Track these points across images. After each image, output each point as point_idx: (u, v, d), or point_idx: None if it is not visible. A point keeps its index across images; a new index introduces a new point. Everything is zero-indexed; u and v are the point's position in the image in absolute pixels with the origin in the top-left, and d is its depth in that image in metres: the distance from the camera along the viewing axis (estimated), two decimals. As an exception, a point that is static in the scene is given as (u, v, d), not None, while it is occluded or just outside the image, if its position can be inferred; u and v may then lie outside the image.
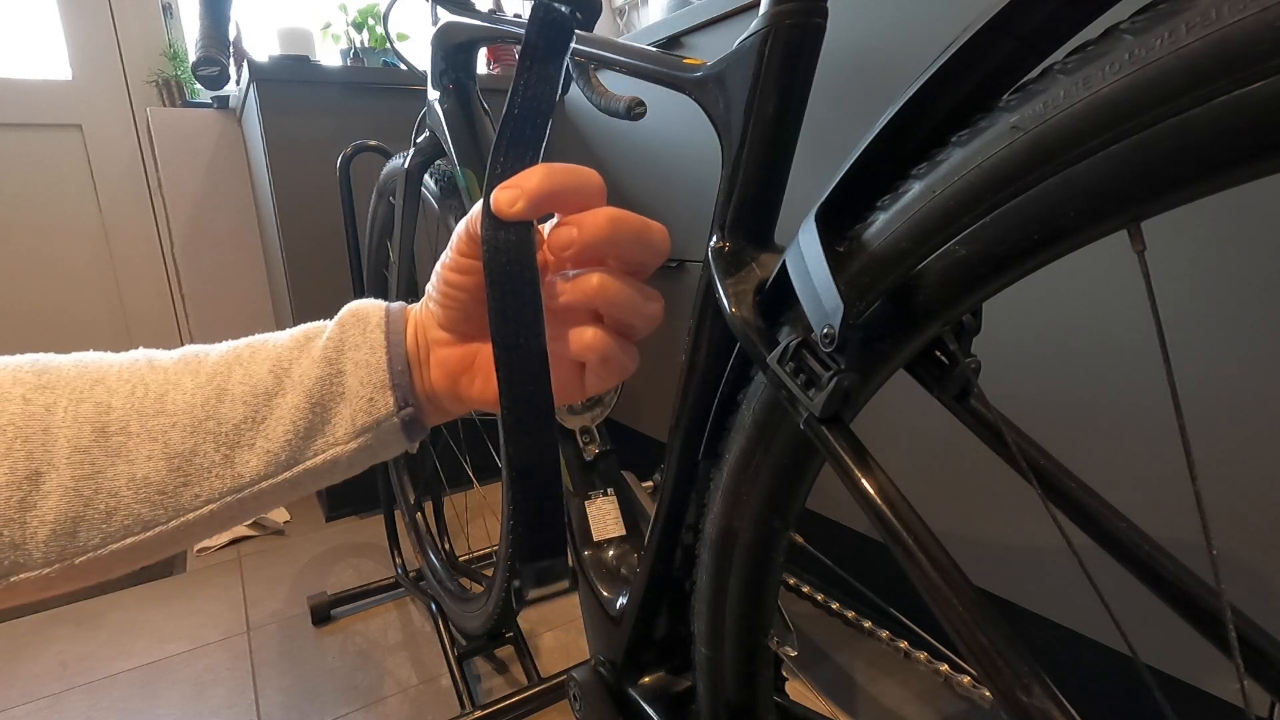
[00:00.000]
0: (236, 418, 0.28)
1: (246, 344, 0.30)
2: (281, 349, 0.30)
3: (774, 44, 0.36)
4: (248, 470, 0.28)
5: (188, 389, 0.27)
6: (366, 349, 0.30)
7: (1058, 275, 0.70)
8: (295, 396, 0.28)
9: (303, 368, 0.29)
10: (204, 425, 0.27)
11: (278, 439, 0.28)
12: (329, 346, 0.30)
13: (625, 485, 0.67)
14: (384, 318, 0.31)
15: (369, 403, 0.29)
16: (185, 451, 0.27)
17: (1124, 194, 0.21)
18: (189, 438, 0.27)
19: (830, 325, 0.29)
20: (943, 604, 0.27)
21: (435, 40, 0.75)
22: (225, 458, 0.27)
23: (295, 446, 0.28)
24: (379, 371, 0.30)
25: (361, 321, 0.31)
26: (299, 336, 0.31)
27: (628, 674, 0.58)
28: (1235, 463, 0.60)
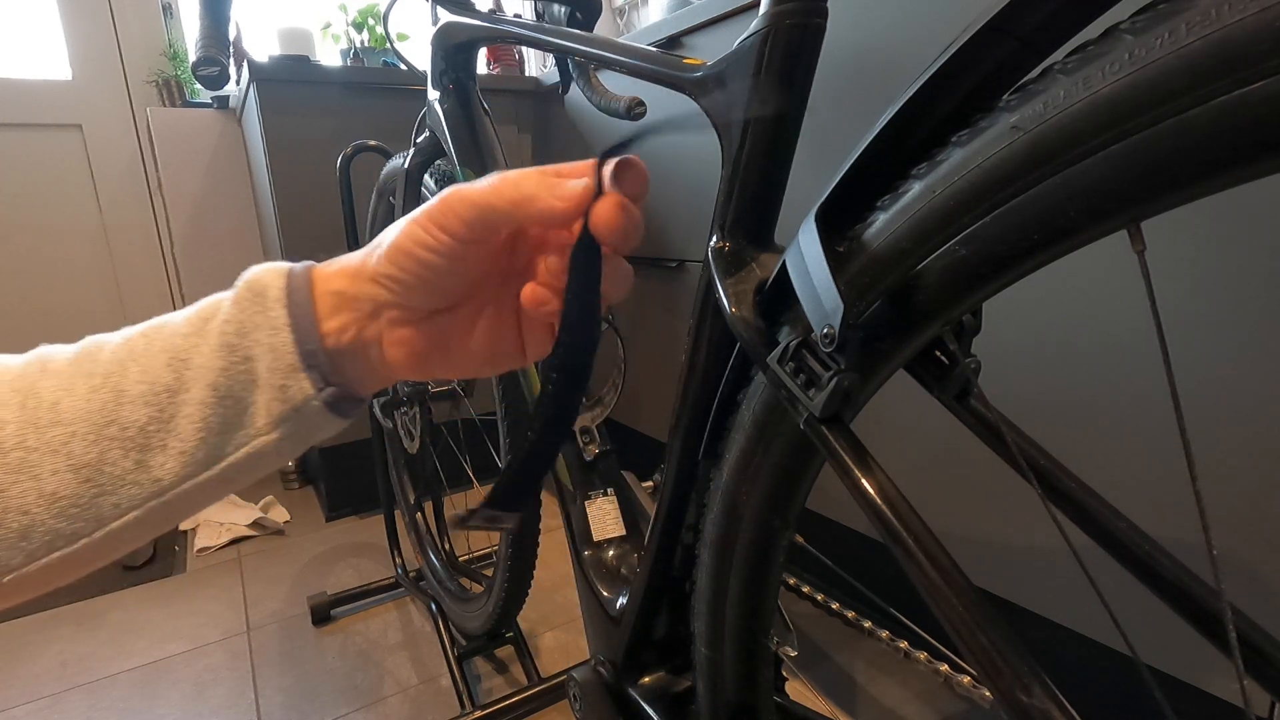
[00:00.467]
0: (140, 420, 0.26)
1: (141, 333, 0.27)
2: (177, 337, 0.27)
3: (774, 44, 0.36)
4: (166, 473, 0.26)
5: (82, 394, 0.25)
6: (268, 329, 0.27)
7: (1058, 275, 0.70)
8: (199, 391, 0.26)
9: (203, 357, 0.26)
10: (106, 432, 0.25)
11: (190, 438, 0.26)
12: (227, 330, 0.27)
13: (625, 485, 0.67)
14: (284, 289, 0.28)
15: (282, 390, 0.27)
16: (92, 461, 0.25)
17: (1124, 194, 0.21)
18: (92, 447, 0.25)
19: (830, 325, 0.29)
20: (943, 604, 0.27)
21: (435, 40, 0.75)
22: (137, 463, 0.26)
23: (212, 444, 0.27)
24: (286, 354, 0.27)
25: (259, 297, 0.27)
26: (194, 319, 0.27)
27: (628, 674, 0.58)
28: (1235, 463, 0.60)
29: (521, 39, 0.62)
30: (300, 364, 0.27)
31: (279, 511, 1.65)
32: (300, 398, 0.27)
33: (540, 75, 1.66)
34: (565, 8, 0.66)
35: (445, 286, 0.28)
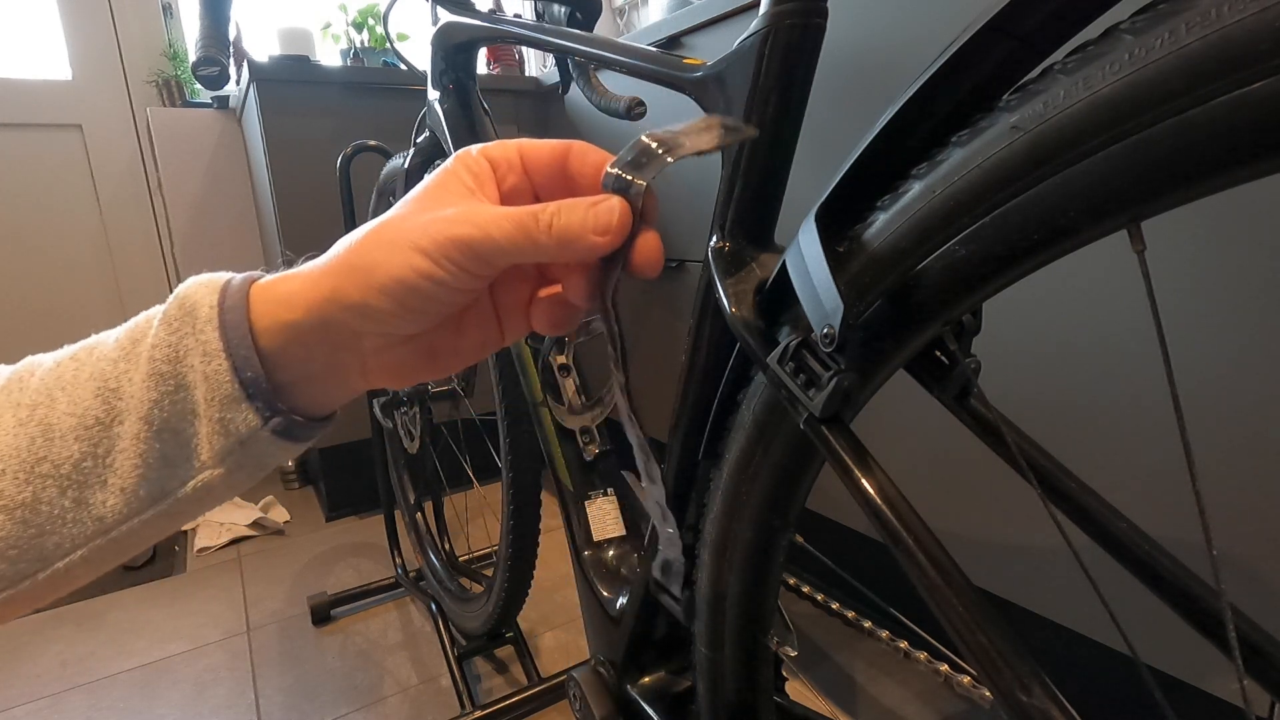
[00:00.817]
0: (73, 455, 0.24)
1: (72, 355, 0.25)
2: (106, 363, 0.25)
3: (774, 44, 0.36)
4: (108, 511, 0.24)
5: (9, 428, 0.23)
6: (200, 354, 0.24)
7: (1058, 275, 0.70)
8: (133, 424, 0.24)
9: (133, 386, 0.24)
10: (38, 469, 0.23)
11: (129, 475, 0.24)
12: (156, 356, 0.24)
13: (625, 485, 0.67)
14: (215, 306, 0.25)
15: (223, 423, 0.24)
16: (26, 501, 0.23)
17: (1124, 194, 0.21)
18: (25, 486, 0.23)
19: (830, 325, 0.29)
20: (943, 604, 0.27)
21: (435, 40, 0.75)
22: (77, 501, 0.24)
23: (154, 480, 0.24)
24: (224, 384, 0.24)
25: (188, 315, 0.25)
26: (125, 340, 0.25)
27: (628, 674, 0.58)
28: (1235, 463, 0.60)
29: (521, 39, 0.62)
30: (240, 394, 0.24)
31: (279, 511, 1.65)
32: (244, 430, 0.25)
33: (540, 75, 1.66)
34: (565, 8, 0.66)
35: (446, 311, 0.26)
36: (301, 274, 0.26)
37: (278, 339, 0.25)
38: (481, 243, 0.24)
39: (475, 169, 0.27)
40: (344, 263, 0.25)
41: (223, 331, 0.24)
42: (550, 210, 0.25)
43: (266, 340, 0.25)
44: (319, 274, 0.25)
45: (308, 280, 0.25)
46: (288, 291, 0.25)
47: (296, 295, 0.25)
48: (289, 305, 0.25)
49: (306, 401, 0.27)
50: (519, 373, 0.69)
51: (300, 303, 0.25)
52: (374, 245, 0.25)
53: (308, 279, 0.25)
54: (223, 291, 0.25)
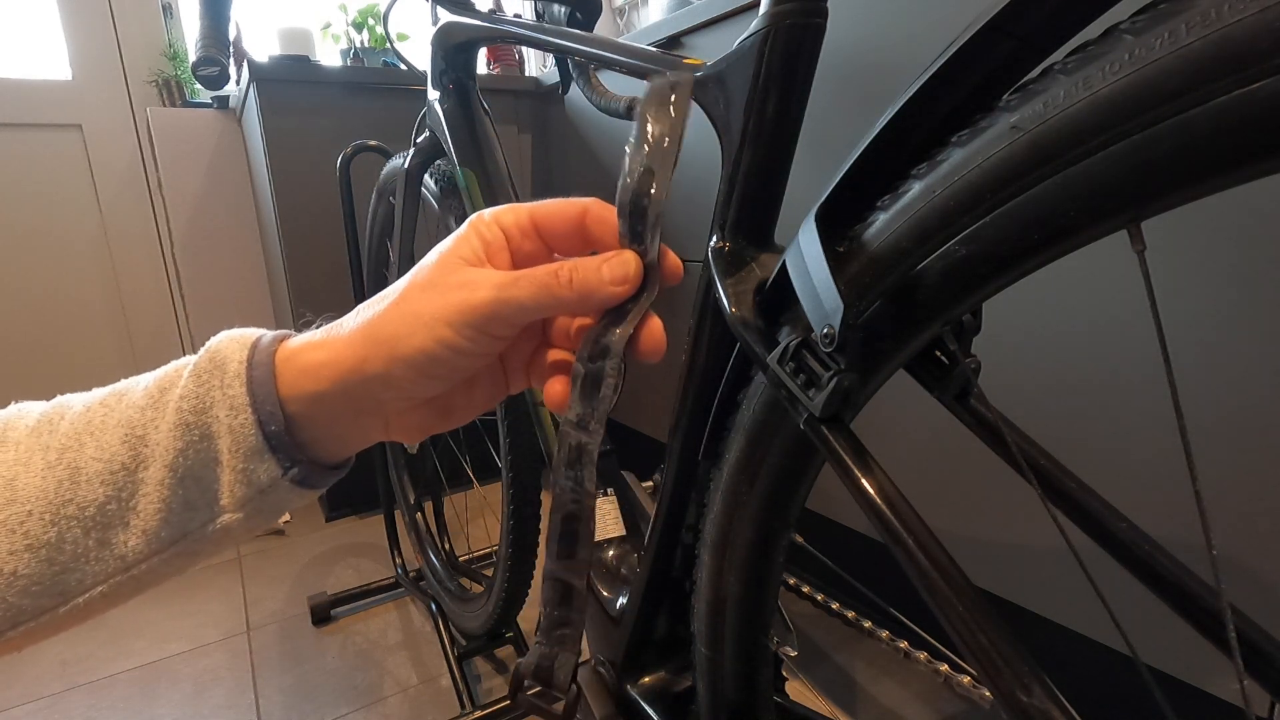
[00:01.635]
0: (98, 498, 0.25)
1: (102, 401, 0.26)
2: (134, 410, 0.26)
3: (774, 44, 0.36)
4: (130, 551, 0.25)
5: (38, 470, 0.24)
6: (227, 406, 0.25)
7: (1058, 275, 0.70)
8: (158, 470, 0.25)
9: (160, 434, 0.25)
10: (64, 511, 0.24)
11: (151, 517, 0.25)
12: (184, 407, 0.25)
13: (625, 485, 0.67)
14: (245, 362, 0.26)
15: (245, 473, 0.26)
16: (51, 541, 0.24)
17: (1124, 194, 0.21)
18: (50, 527, 0.24)
19: (830, 325, 0.29)
20: (943, 604, 0.27)
21: (435, 40, 0.75)
22: (99, 541, 0.25)
23: (175, 523, 0.26)
24: (249, 437, 0.25)
25: (218, 369, 0.26)
26: (154, 389, 0.26)
27: (628, 674, 0.58)
28: (1235, 463, 0.60)
29: (521, 39, 0.62)
30: (264, 446, 0.26)
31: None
32: (266, 480, 0.26)
33: (540, 75, 1.66)
34: (565, 8, 0.66)
35: (466, 375, 0.28)
36: (326, 343, 0.27)
37: (303, 406, 0.26)
38: (505, 305, 0.25)
39: (488, 236, 0.28)
40: (367, 335, 0.26)
41: (249, 387, 0.26)
42: (569, 266, 0.26)
43: (293, 406, 0.26)
44: (343, 345, 0.26)
45: (332, 351, 0.26)
46: (314, 362, 0.26)
47: (323, 367, 0.26)
48: (315, 377, 0.26)
49: (325, 452, 0.28)
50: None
51: (326, 375, 0.26)
52: (397, 318, 0.26)
53: (332, 350, 0.26)
54: (252, 349, 0.27)
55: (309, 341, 0.27)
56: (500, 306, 0.25)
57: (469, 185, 0.70)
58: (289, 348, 0.27)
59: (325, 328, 0.28)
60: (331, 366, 0.26)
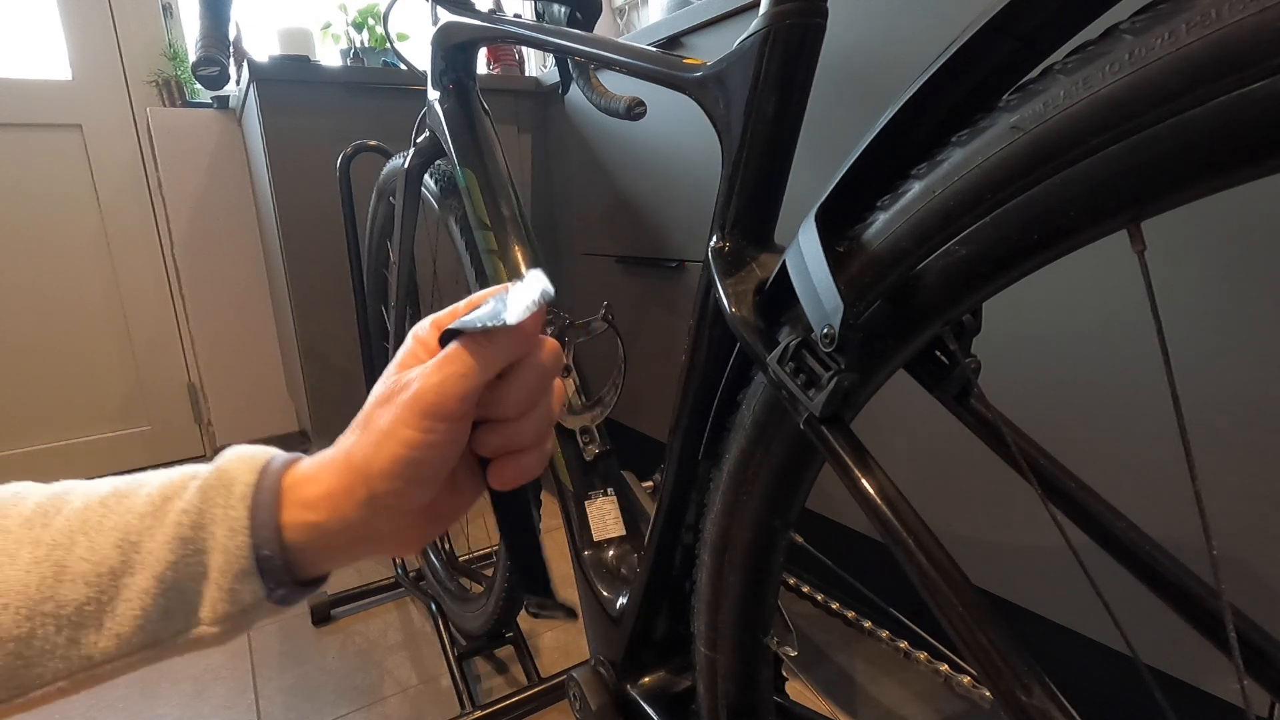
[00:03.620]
0: (78, 598, 0.25)
1: (101, 501, 0.26)
2: (133, 516, 0.26)
3: (774, 44, 0.36)
4: (97, 651, 0.26)
5: (24, 564, 0.24)
6: (226, 527, 0.26)
7: (1058, 275, 0.70)
8: (144, 579, 0.25)
9: (154, 543, 0.26)
10: (41, 608, 0.24)
11: (127, 623, 0.25)
12: (184, 521, 0.26)
13: (625, 485, 0.67)
14: (251, 486, 0.27)
15: (231, 593, 0.26)
16: (21, 636, 0.24)
17: (1124, 194, 0.21)
18: (24, 622, 0.24)
19: (830, 325, 0.29)
20: (943, 604, 0.27)
21: (435, 40, 0.75)
22: (70, 640, 0.25)
23: (150, 631, 0.26)
24: (241, 558, 0.26)
25: (225, 488, 0.27)
26: (156, 498, 0.27)
27: (628, 674, 0.58)
28: (1235, 463, 0.60)
29: (521, 39, 0.62)
30: (255, 569, 0.26)
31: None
32: (250, 600, 0.27)
33: (540, 75, 1.66)
34: (565, 8, 0.66)
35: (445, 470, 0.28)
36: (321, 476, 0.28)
37: (300, 533, 0.28)
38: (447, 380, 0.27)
39: (427, 340, 0.29)
40: (347, 463, 0.28)
41: (252, 512, 0.26)
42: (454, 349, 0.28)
43: (290, 534, 0.27)
44: (332, 476, 0.28)
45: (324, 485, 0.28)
46: (312, 495, 0.28)
47: (319, 500, 0.28)
48: (313, 508, 0.28)
49: (311, 571, 0.29)
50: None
51: (323, 506, 0.28)
52: (366, 441, 0.27)
53: (324, 484, 0.28)
54: (260, 473, 0.28)
55: (309, 473, 0.28)
56: (444, 384, 0.26)
57: (469, 185, 0.70)
58: (295, 475, 0.28)
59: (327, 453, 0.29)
60: (326, 499, 0.27)
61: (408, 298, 0.93)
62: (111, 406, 1.81)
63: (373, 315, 1.14)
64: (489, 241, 0.69)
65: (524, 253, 0.69)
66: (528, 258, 0.69)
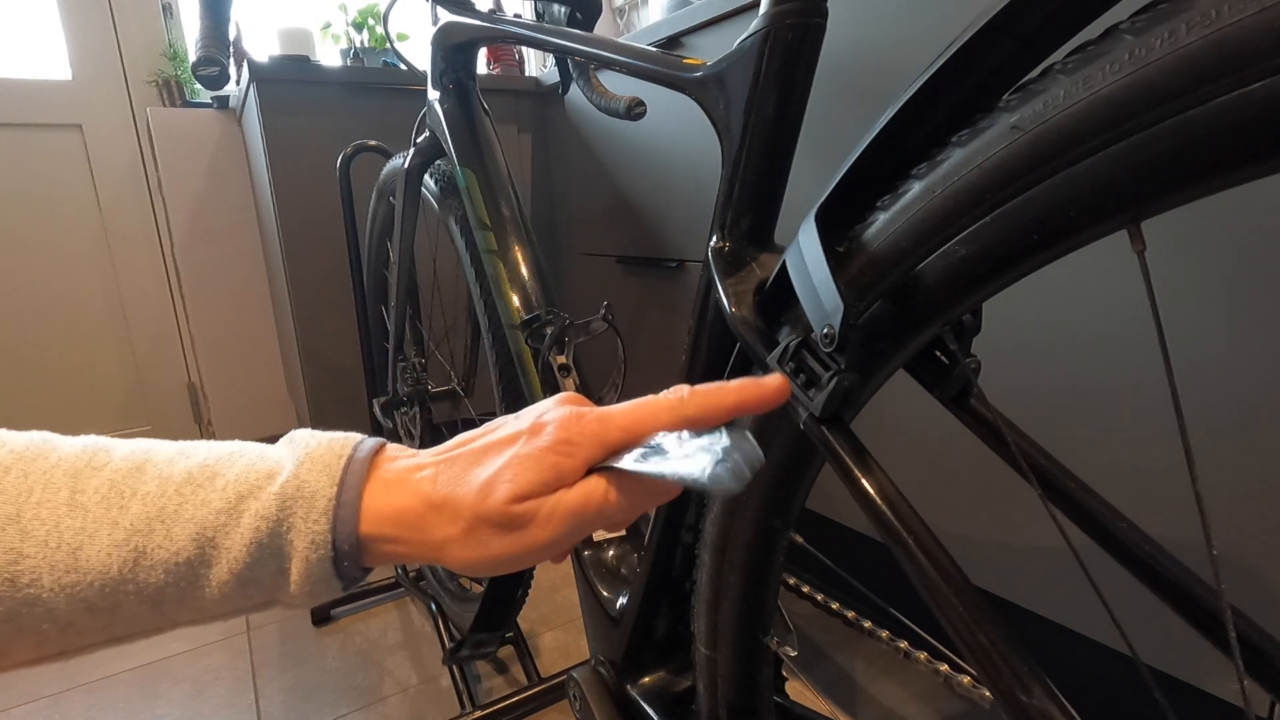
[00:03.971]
0: (158, 582, 0.26)
1: (178, 489, 0.27)
2: (210, 512, 0.27)
3: (774, 44, 0.36)
4: (179, 621, 0.27)
5: (104, 545, 0.25)
6: (307, 540, 0.27)
7: (1058, 275, 0.70)
8: (222, 572, 0.27)
9: (231, 542, 0.26)
10: (123, 588, 0.26)
11: (208, 606, 0.27)
12: (261, 528, 0.27)
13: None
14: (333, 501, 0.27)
15: (309, 594, 0.28)
16: (107, 607, 0.26)
17: (1124, 194, 0.21)
18: (108, 597, 0.26)
19: (830, 325, 0.29)
20: (943, 604, 0.27)
21: (435, 40, 0.75)
22: (154, 610, 0.26)
23: (229, 606, 0.28)
24: (323, 566, 0.27)
25: (307, 501, 0.27)
26: (231, 495, 0.27)
27: (628, 674, 0.58)
28: (1235, 463, 0.60)
29: (521, 39, 0.62)
30: (332, 574, 0.28)
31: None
32: (326, 593, 0.28)
33: (540, 75, 1.66)
34: (565, 8, 0.66)
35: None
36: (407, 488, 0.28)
37: (376, 540, 0.28)
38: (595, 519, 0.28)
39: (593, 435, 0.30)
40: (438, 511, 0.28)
41: (334, 526, 0.27)
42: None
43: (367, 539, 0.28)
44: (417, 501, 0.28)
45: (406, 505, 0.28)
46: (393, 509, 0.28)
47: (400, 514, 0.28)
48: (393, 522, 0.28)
49: (376, 564, 0.30)
50: (519, 373, 0.69)
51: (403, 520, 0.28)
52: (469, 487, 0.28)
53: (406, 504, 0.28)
54: (340, 485, 0.28)
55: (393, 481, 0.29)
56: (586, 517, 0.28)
57: (469, 185, 0.70)
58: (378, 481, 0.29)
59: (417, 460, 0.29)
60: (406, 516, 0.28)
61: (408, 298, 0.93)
62: (111, 406, 1.81)
63: (373, 315, 1.15)
64: (489, 241, 0.69)
65: (524, 253, 0.69)
66: (528, 258, 0.69)
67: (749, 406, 0.30)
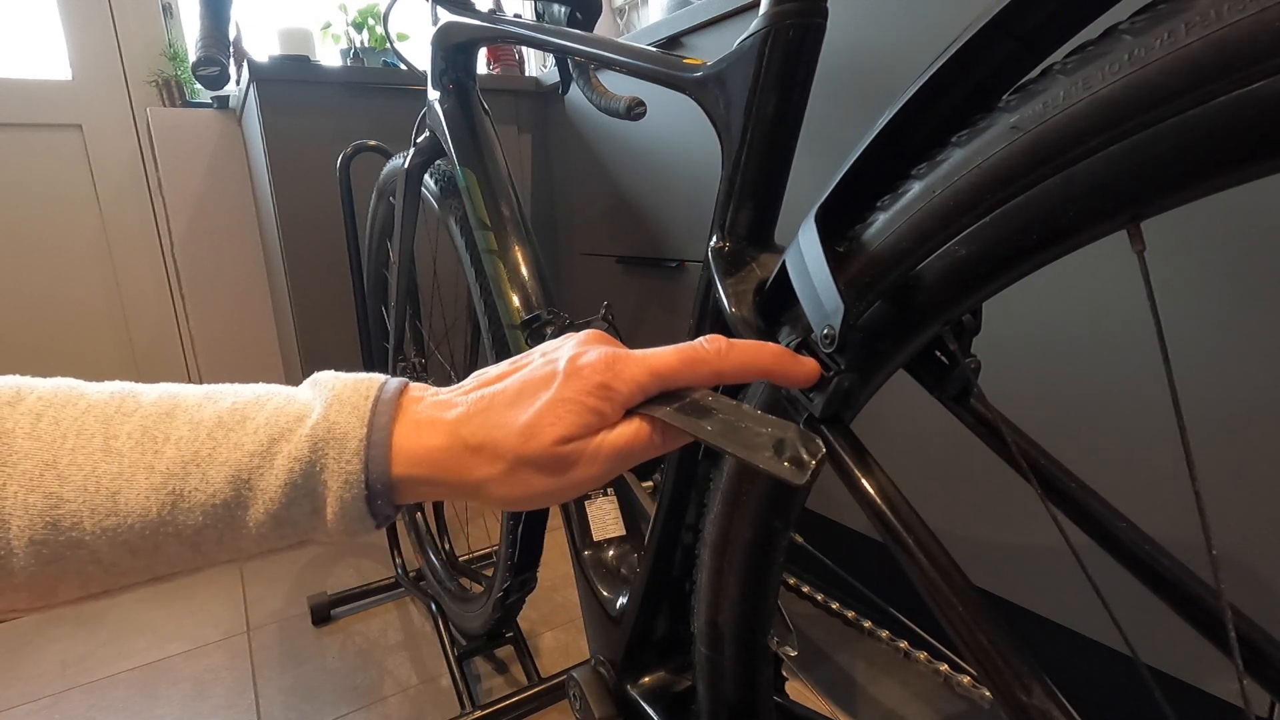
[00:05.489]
0: (196, 524, 0.26)
1: (209, 434, 0.27)
2: (243, 455, 0.27)
3: (774, 44, 0.36)
4: (217, 559, 0.28)
5: (142, 488, 0.26)
6: (341, 479, 0.27)
7: (1058, 275, 0.70)
8: (258, 513, 0.27)
9: (265, 483, 0.27)
10: (162, 530, 0.26)
11: (247, 544, 0.28)
12: (295, 469, 0.27)
13: (625, 485, 0.67)
14: (363, 441, 0.28)
15: (344, 531, 0.28)
16: (147, 548, 0.26)
17: (1124, 194, 0.21)
18: (149, 539, 0.26)
19: (830, 325, 0.29)
20: (943, 604, 0.27)
21: (435, 40, 0.75)
22: (193, 551, 0.27)
23: (267, 544, 0.28)
24: (357, 505, 0.28)
25: (338, 442, 0.27)
26: (263, 438, 0.27)
27: (628, 674, 0.58)
28: (1235, 463, 0.60)
29: (521, 39, 0.62)
30: (367, 513, 0.28)
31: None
32: (360, 531, 0.29)
33: (540, 75, 1.66)
34: (565, 8, 0.66)
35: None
36: (438, 427, 0.29)
37: (408, 480, 0.28)
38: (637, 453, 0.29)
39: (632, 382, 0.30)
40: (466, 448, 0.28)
41: (366, 466, 0.27)
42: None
43: (399, 479, 0.28)
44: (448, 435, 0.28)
45: (438, 445, 0.28)
46: (425, 448, 0.28)
47: (432, 453, 0.28)
48: (425, 463, 0.28)
49: (409, 500, 0.30)
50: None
51: (435, 459, 0.28)
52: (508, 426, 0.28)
53: (438, 443, 0.28)
54: (369, 425, 0.28)
55: (422, 421, 0.29)
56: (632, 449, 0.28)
57: (469, 185, 0.70)
58: (407, 421, 0.29)
59: (442, 398, 0.30)
60: (439, 457, 0.28)
61: (408, 298, 0.94)
62: (111, 406, 1.81)
63: (373, 315, 1.14)
64: (489, 241, 0.69)
65: (524, 253, 0.69)
66: (528, 258, 0.69)
67: (777, 375, 0.30)
